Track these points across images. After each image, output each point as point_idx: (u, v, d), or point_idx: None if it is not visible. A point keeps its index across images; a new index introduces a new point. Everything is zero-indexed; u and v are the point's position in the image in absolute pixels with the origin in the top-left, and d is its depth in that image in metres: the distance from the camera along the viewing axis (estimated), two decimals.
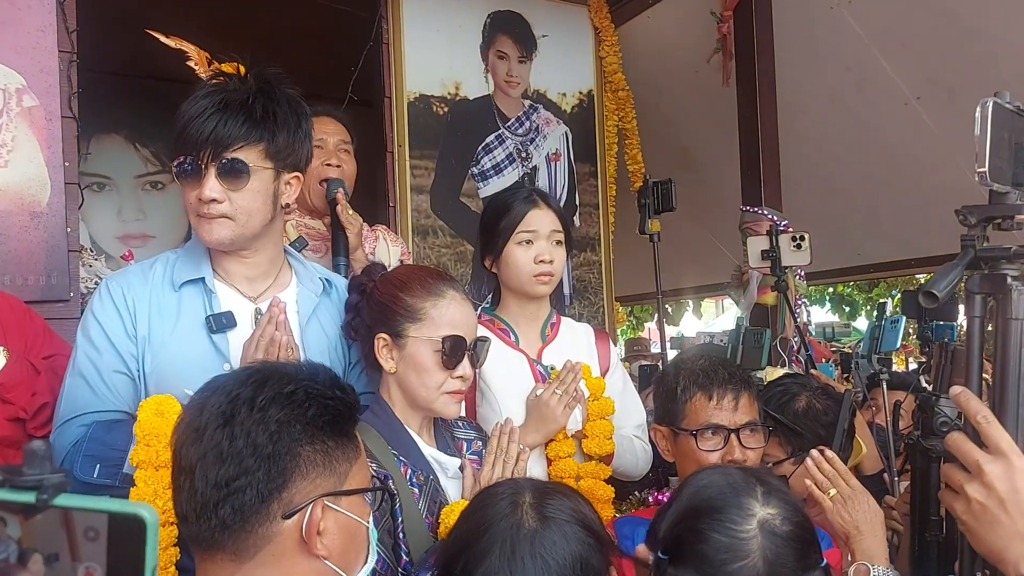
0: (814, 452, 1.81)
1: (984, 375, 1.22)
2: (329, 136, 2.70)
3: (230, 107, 1.65)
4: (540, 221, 2.09)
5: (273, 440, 1.08)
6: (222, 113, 1.64)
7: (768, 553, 1.20)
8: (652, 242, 3.29)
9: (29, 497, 0.68)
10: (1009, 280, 1.13)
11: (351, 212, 2.53)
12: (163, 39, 2.14)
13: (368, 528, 1.19)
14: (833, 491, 1.76)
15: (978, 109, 1.10)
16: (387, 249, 2.84)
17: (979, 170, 1.09)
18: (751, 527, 1.22)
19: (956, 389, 1.09)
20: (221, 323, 1.72)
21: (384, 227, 3.02)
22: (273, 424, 1.08)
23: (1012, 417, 1.10)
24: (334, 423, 1.13)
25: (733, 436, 1.82)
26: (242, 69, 1.75)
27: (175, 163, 1.68)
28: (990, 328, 1.17)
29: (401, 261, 2.88)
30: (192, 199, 1.68)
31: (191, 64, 1.73)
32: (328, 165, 2.65)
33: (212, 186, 1.64)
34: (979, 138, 1.09)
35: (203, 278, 1.75)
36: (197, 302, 1.74)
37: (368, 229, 2.73)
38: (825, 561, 1.26)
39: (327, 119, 2.74)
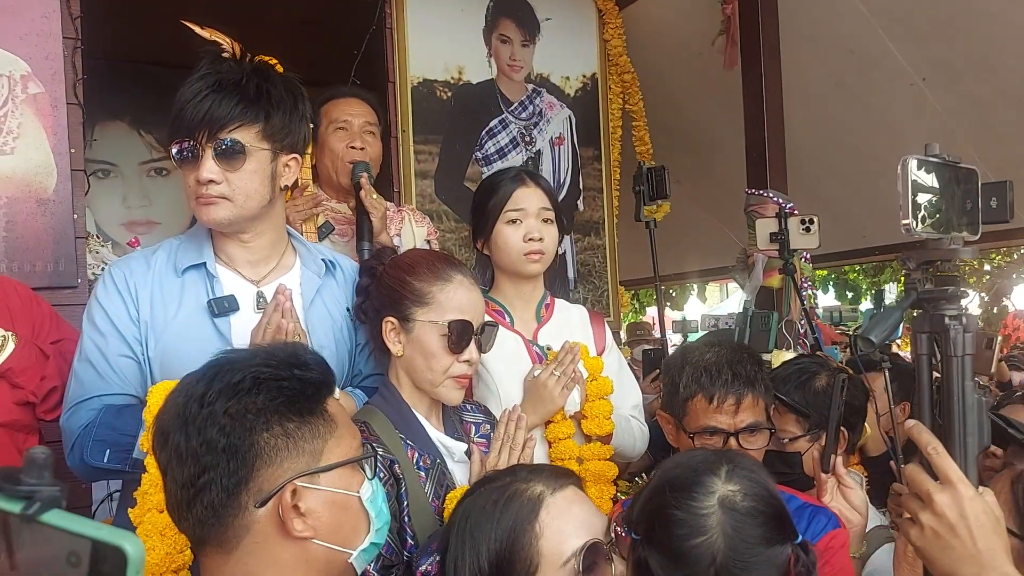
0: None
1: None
2: (354, 118, 2.68)
3: (224, 88, 1.64)
4: (527, 199, 2.08)
5: (225, 433, 1.07)
6: (216, 94, 1.63)
7: (728, 528, 1.21)
8: (648, 228, 3.28)
9: (16, 507, 0.64)
10: (947, 320, 1.21)
11: (375, 196, 2.52)
12: (198, 30, 2.14)
13: (360, 498, 1.17)
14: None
15: (899, 166, 1.17)
16: (412, 230, 2.82)
17: (903, 222, 1.18)
18: (711, 503, 1.24)
19: (910, 423, 1.17)
20: (223, 307, 1.72)
21: (411, 207, 3.01)
22: (222, 417, 1.07)
23: (959, 448, 1.18)
24: (292, 404, 1.11)
25: (732, 439, 1.80)
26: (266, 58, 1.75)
27: (172, 147, 1.68)
28: None
29: (428, 242, 2.87)
30: (191, 182, 1.68)
31: (226, 56, 1.75)
32: (352, 147, 2.64)
33: (209, 167, 1.64)
34: (901, 192, 1.17)
35: (204, 263, 1.76)
36: (199, 287, 1.75)
37: (395, 210, 2.71)
38: (801, 538, 1.27)
39: (353, 100, 2.73)
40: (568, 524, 1.27)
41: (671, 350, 3.70)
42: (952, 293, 1.22)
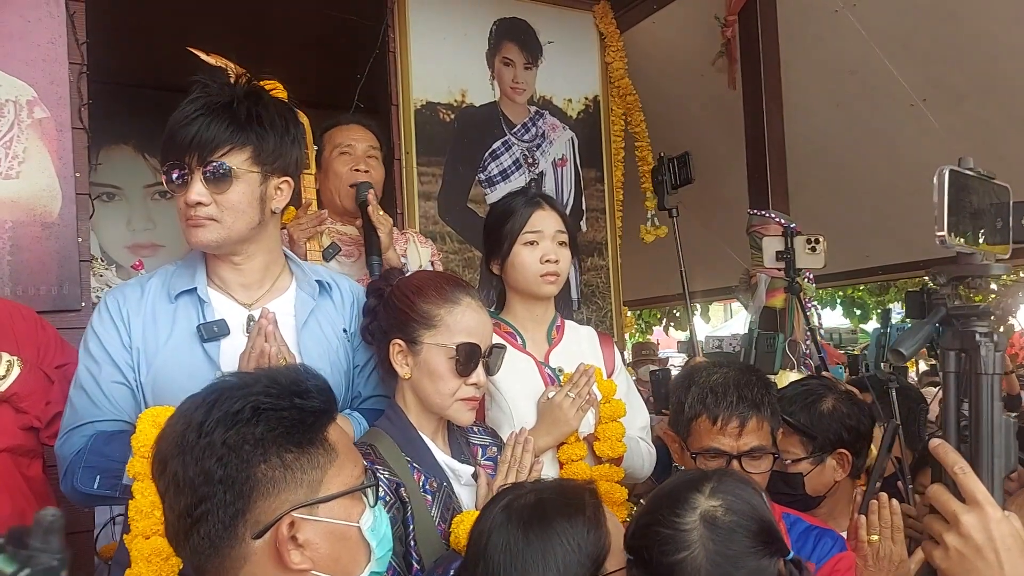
0: (882, 496, 1.81)
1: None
2: (358, 142, 2.76)
3: (214, 111, 1.64)
4: (544, 222, 2.10)
5: (223, 465, 1.05)
6: (206, 117, 1.63)
7: (709, 543, 1.23)
8: (672, 217, 3.21)
9: (10, 569, 0.63)
10: (977, 337, 1.18)
11: (382, 212, 2.58)
12: (203, 56, 2.15)
13: (360, 528, 1.15)
14: (876, 538, 1.76)
15: (935, 176, 1.16)
16: (416, 251, 2.88)
17: (938, 234, 1.16)
18: (692, 519, 1.25)
19: (935, 442, 1.14)
20: (212, 332, 1.71)
21: (413, 230, 3.07)
22: (220, 448, 1.05)
23: (986, 468, 1.15)
24: (291, 434, 1.09)
25: (735, 462, 1.79)
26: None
27: (164, 170, 1.68)
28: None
29: (432, 262, 2.92)
30: (181, 204, 1.68)
31: (217, 79, 1.75)
32: (356, 171, 2.71)
33: (198, 190, 1.64)
34: (937, 204, 1.15)
35: (196, 288, 1.75)
36: (191, 312, 1.75)
37: (398, 233, 2.78)
38: (792, 554, 1.26)
39: (356, 127, 2.81)
40: None
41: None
42: (983, 310, 1.19)
